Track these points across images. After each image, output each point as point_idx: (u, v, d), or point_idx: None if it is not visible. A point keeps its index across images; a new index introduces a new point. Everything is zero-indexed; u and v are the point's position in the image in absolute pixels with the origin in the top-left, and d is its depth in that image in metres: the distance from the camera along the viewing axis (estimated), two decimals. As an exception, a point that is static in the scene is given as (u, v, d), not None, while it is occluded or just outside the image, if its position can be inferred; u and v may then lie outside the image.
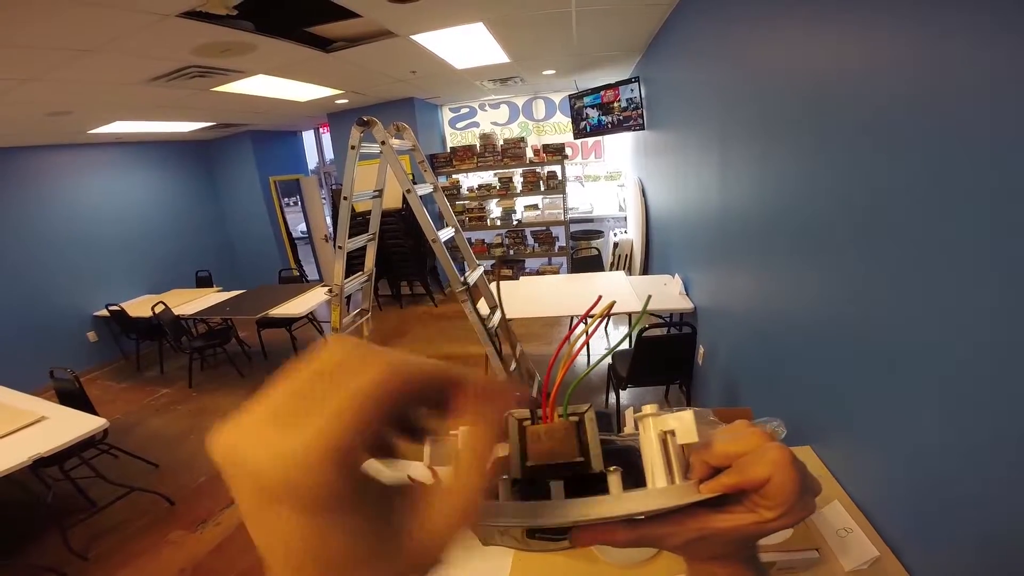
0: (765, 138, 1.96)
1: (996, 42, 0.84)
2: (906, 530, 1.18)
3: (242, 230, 7.81)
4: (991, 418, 0.90)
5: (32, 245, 5.23)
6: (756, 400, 2.22)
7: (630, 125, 5.22)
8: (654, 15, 3.58)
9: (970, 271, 0.92)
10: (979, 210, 0.89)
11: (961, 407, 0.98)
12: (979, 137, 0.89)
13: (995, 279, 0.86)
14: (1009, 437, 0.86)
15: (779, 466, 0.29)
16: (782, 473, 0.29)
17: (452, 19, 3.22)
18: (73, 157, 5.65)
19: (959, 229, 0.94)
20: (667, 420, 0.32)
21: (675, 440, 0.31)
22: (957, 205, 0.95)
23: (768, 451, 0.30)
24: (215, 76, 3.65)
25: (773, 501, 0.30)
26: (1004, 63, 0.82)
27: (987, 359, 0.90)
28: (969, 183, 0.91)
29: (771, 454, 0.30)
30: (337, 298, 3.26)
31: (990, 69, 0.86)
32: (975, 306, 0.92)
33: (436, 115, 7.25)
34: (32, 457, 2.37)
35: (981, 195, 0.89)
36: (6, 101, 3.37)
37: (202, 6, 2.37)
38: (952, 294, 0.97)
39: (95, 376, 5.46)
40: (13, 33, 2.31)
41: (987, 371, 0.90)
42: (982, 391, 0.92)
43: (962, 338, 0.96)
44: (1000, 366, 0.87)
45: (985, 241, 0.88)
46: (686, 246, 3.61)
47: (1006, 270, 0.84)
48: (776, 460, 0.29)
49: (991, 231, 0.87)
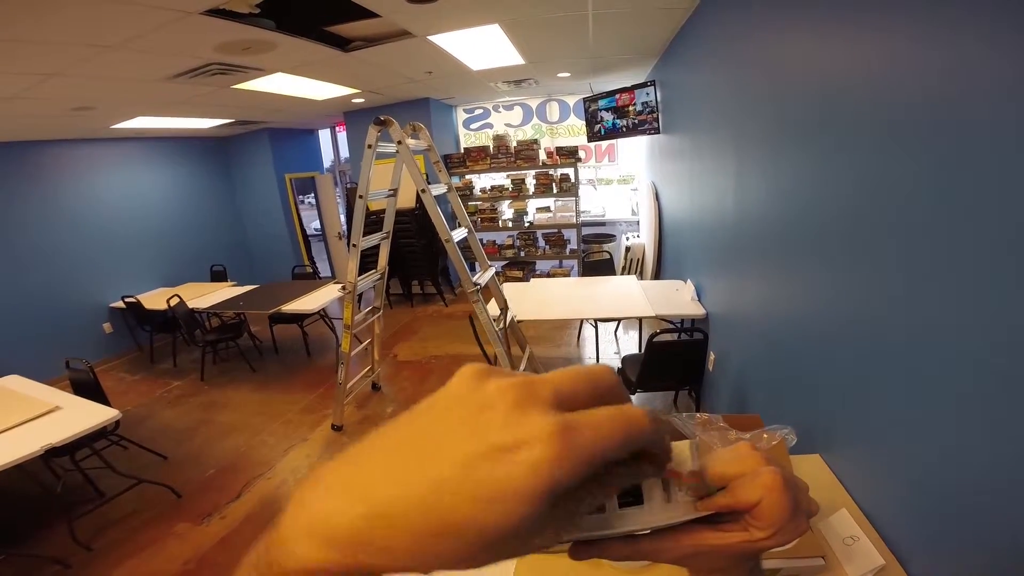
0: (781, 143, 1.95)
1: (1018, 43, 0.83)
2: (913, 539, 1.17)
3: (257, 226, 7.90)
4: (1002, 428, 0.89)
5: (53, 237, 5.32)
6: (766, 407, 2.20)
7: (645, 129, 5.20)
8: (672, 19, 3.57)
9: (987, 278, 0.91)
10: (1000, 215, 0.88)
11: (972, 417, 0.96)
12: (1001, 140, 0.87)
13: (1015, 286, 0.85)
14: (1020, 447, 0.85)
15: (770, 489, 0.31)
16: (772, 496, 0.31)
17: (469, 20, 3.24)
18: (95, 151, 5.75)
19: (978, 236, 0.93)
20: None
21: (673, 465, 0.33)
22: (976, 210, 0.93)
23: (761, 475, 0.32)
24: (236, 73, 3.69)
25: (763, 522, 0.31)
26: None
27: (1001, 368, 0.88)
28: (990, 187, 0.90)
29: (764, 478, 0.32)
30: (350, 295, 3.28)
31: (1011, 71, 0.84)
32: (991, 314, 0.90)
33: (450, 116, 7.28)
34: (44, 447, 2.40)
35: (1002, 199, 0.87)
36: (32, 96, 3.44)
37: (225, 4, 2.41)
38: (967, 301, 0.96)
39: (109, 367, 5.53)
40: (40, 29, 2.36)
41: (1000, 381, 0.89)
42: (994, 401, 0.90)
43: (975, 347, 0.94)
44: (1014, 376, 0.85)
45: (1004, 248, 0.87)
46: (699, 251, 3.59)
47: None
48: (767, 484, 0.31)
49: (1013, 237, 0.85)
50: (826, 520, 1.30)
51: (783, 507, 0.31)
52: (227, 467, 3.35)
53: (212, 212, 7.33)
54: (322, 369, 4.89)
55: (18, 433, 2.57)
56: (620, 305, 3.63)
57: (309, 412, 4.02)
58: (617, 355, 4.46)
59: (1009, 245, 0.86)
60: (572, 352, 4.72)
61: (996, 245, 0.89)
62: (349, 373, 3.53)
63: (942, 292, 1.04)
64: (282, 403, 4.22)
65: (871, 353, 1.33)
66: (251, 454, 3.48)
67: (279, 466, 3.29)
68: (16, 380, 3.35)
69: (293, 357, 5.28)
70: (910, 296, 1.15)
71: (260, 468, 3.29)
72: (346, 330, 3.39)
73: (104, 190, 5.86)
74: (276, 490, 3.05)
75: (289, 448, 3.50)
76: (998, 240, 0.88)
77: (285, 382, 4.68)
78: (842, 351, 1.50)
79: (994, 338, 0.91)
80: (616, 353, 4.54)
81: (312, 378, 4.69)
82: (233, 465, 3.37)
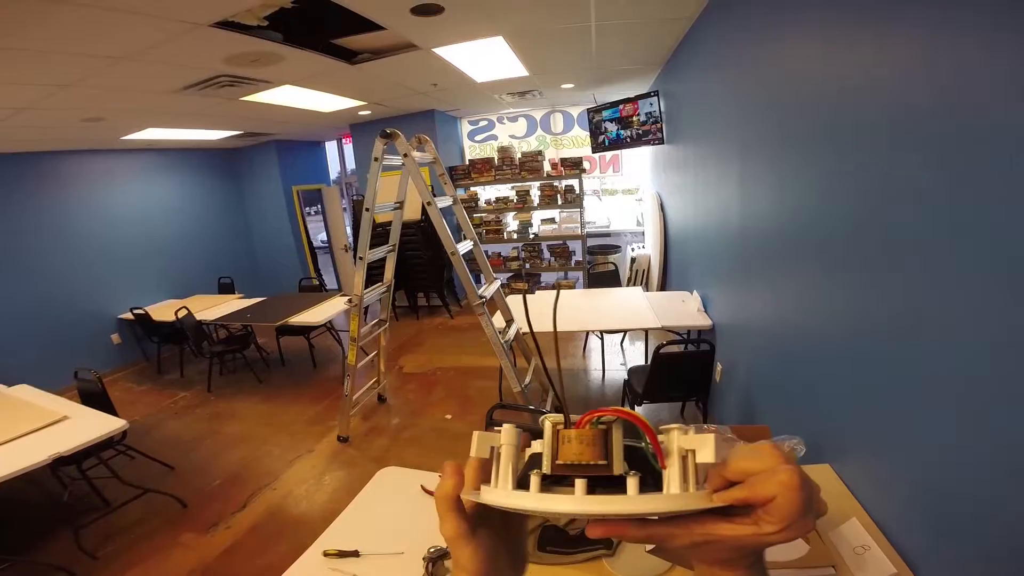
0: (786, 152, 1.95)
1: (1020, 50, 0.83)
2: (924, 547, 1.16)
3: (264, 238, 7.95)
4: (1013, 436, 0.88)
5: (63, 248, 5.38)
6: (774, 418, 2.18)
7: (649, 139, 5.22)
8: (674, 29, 3.59)
9: (997, 286, 0.90)
10: (1008, 222, 0.87)
11: (982, 425, 0.95)
12: (1008, 146, 0.87)
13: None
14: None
15: (786, 487, 0.32)
16: (788, 494, 0.32)
17: (473, 33, 3.27)
18: (105, 163, 5.82)
19: (988, 244, 0.92)
20: (691, 439, 0.35)
21: (694, 457, 0.34)
22: (984, 217, 0.93)
23: (779, 472, 0.32)
24: (244, 85, 3.74)
25: (775, 517, 0.32)
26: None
27: (1011, 378, 0.88)
28: (997, 194, 0.90)
29: (781, 476, 0.32)
30: (357, 308, 3.29)
31: (1015, 77, 0.84)
32: (999, 323, 0.90)
33: (455, 127, 7.33)
34: (52, 456, 2.41)
35: (1009, 206, 0.87)
36: (44, 106, 3.49)
37: (234, 16, 2.45)
38: (976, 309, 0.95)
39: (117, 377, 5.56)
40: (51, 41, 2.40)
41: (1010, 389, 0.88)
42: (1004, 409, 0.90)
43: (987, 357, 0.93)
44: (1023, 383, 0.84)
45: (1017, 255, 0.86)
46: (705, 262, 3.59)
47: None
48: (785, 481, 0.32)
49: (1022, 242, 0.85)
50: (836, 529, 1.28)
51: (797, 505, 0.32)
52: (233, 477, 3.34)
53: (220, 224, 7.39)
54: (328, 381, 4.89)
55: (27, 442, 2.58)
56: (626, 316, 3.62)
57: (315, 423, 4.01)
58: (623, 366, 4.44)
59: (1018, 250, 0.85)
60: (578, 364, 4.70)
61: (1009, 254, 0.88)
62: (355, 385, 3.53)
63: (951, 299, 1.03)
64: (288, 414, 4.22)
65: (879, 362, 1.32)
66: (257, 465, 3.48)
67: (285, 477, 3.29)
68: (26, 389, 3.38)
69: (299, 369, 5.28)
70: (917, 304, 1.14)
71: (266, 479, 3.28)
72: (352, 342, 3.40)
73: (113, 201, 5.93)
74: (282, 501, 3.04)
75: (295, 459, 3.49)
76: (1010, 249, 0.88)
77: (291, 394, 4.68)
78: (850, 360, 1.49)
79: (1005, 345, 0.90)
80: (622, 364, 4.52)
81: (318, 390, 4.69)
82: (239, 476, 3.36)
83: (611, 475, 0.35)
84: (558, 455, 0.36)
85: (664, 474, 0.34)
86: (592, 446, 0.35)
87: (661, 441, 0.35)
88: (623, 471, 0.34)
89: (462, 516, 0.40)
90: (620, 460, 0.35)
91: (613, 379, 4.27)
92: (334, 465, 3.38)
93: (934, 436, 1.11)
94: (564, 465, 0.36)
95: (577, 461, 0.35)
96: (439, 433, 3.71)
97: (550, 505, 0.34)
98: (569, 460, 0.35)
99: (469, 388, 4.42)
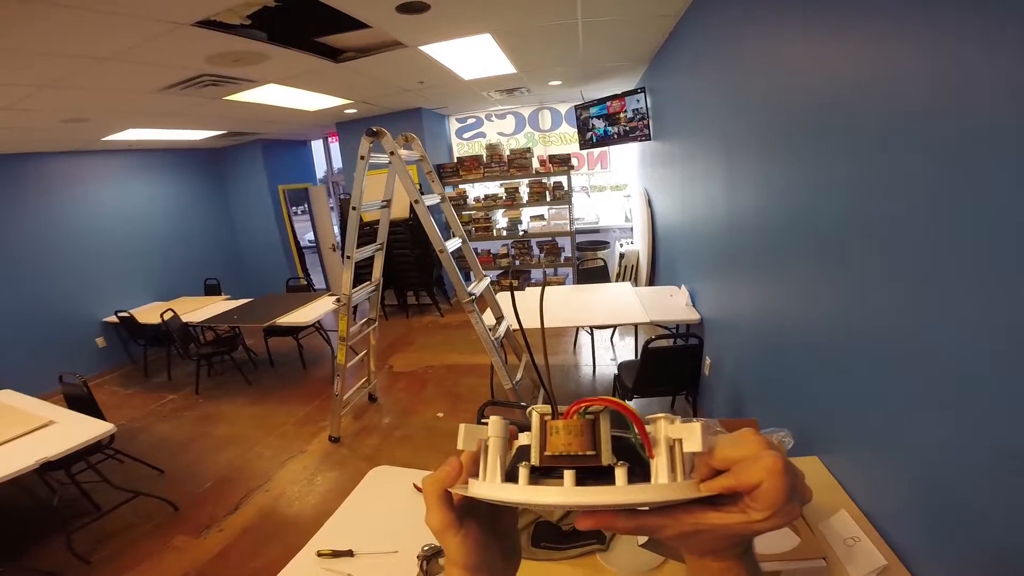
0: (771, 147, 1.97)
1: (1016, 48, 0.84)
2: (915, 539, 1.17)
3: (251, 238, 7.88)
4: (1002, 427, 0.89)
5: (45, 251, 5.29)
6: (763, 411, 2.21)
7: (636, 135, 5.24)
8: (660, 26, 3.61)
9: (983, 279, 0.92)
10: (993, 219, 0.89)
11: (971, 416, 0.97)
12: (995, 143, 0.88)
13: (1011, 287, 0.86)
14: (1021, 447, 0.85)
15: (771, 473, 0.32)
16: (773, 480, 0.32)
17: (460, 30, 3.26)
18: (87, 164, 5.73)
19: (971, 238, 0.94)
20: (677, 428, 0.35)
21: (681, 446, 0.35)
22: (970, 214, 0.94)
23: (763, 458, 0.33)
24: (227, 85, 3.70)
25: (761, 504, 0.32)
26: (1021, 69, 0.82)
27: (999, 368, 0.89)
28: (984, 191, 0.91)
29: (765, 461, 0.33)
30: (345, 307, 3.27)
31: (1006, 75, 0.85)
32: (986, 315, 0.92)
33: (443, 125, 7.31)
34: (39, 461, 2.38)
35: (996, 204, 0.88)
36: (23, 107, 3.43)
37: (216, 15, 2.42)
38: (963, 303, 0.97)
39: (103, 381, 5.49)
40: (31, 40, 2.36)
41: (999, 381, 0.90)
42: (993, 401, 0.91)
43: (973, 347, 0.95)
44: (1013, 376, 0.86)
45: (1000, 250, 0.88)
46: (693, 257, 3.61)
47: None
48: (769, 467, 0.32)
49: (1005, 239, 0.87)
50: (826, 521, 1.30)
51: (781, 490, 0.32)
52: (224, 480, 3.32)
53: (205, 225, 7.30)
54: (318, 381, 4.87)
55: (13, 447, 2.55)
56: (615, 312, 3.64)
57: (305, 424, 3.99)
58: (613, 361, 4.46)
59: (1006, 249, 0.87)
60: (568, 360, 4.72)
61: (993, 249, 0.90)
62: (345, 385, 3.52)
63: (935, 292, 1.05)
64: (278, 415, 4.19)
65: (866, 354, 1.34)
66: (248, 467, 3.46)
67: (276, 478, 3.27)
68: (9, 395, 3.32)
69: (289, 369, 5.25)
70: (902, 298, 1.16)
71: (257, 480, 3.26)
72: (342, 342, 3.38)
73: (96, 203, 5.83)
74: (274, 502, 3.03)
75: (286, 460, 3.48)
76: (994, 243, 0.89)
77: (281, 394, 4.65)
78: (837, 353, 1.51)
79: (988, 337, 0.92)
80: (612, 360, 4.54)
81: (308, 390, 4.66)
82: (230, 478, 3.34)
83: (600, 466, 0.35)
84: (546, 446, 0.36)
85: (652, 464, 0.35)
86: (580, 436, 0.35)
87: (648, 431, 0.36)
88: (611, 461, 0.35)
89: (448, 507, 0.41)
90: (608, 450, 0.35)
91: (603, 374, 4.29)
92: (326, 465, 3.37)
93: (922, 428, 1.13)
94: (552, 456, 0.36)
95: (565, 452, 0.35)
96: (430, 431, 3.71)
97: (539, 497, 0.34)
98: (557, 451, 0.36)
99: (460, 386, 4.42)
